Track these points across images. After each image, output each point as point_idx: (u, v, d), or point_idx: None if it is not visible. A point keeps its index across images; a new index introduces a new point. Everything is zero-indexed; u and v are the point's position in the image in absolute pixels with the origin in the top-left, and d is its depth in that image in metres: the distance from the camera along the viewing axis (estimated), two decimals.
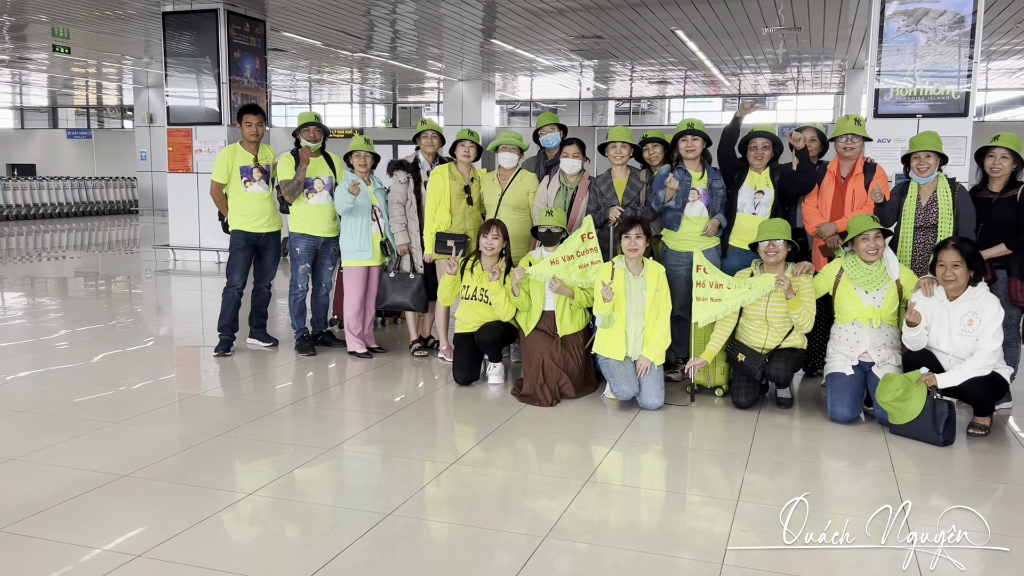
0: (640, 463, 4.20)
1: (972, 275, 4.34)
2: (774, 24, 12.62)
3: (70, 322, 7.55)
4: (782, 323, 4.83)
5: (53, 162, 27.27)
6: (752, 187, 5.21)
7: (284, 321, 7.12)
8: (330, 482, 3.88)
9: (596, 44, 14.66)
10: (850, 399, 4.61)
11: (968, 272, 4.32)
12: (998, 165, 4.87)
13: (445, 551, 3.14)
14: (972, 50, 7.47)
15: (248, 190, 6.06)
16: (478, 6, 11.63)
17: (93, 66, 18.85)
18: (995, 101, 23.00)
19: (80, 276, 11.25)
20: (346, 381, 5.59)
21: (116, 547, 3.06)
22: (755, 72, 18.60)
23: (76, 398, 5.03)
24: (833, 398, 4.66)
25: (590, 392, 5.19)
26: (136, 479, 3.71)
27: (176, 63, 11.80)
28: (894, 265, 4.68)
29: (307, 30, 13.64)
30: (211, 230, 11.30)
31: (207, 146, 11.64)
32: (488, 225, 5.36)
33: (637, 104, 26.27)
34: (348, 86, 23.18)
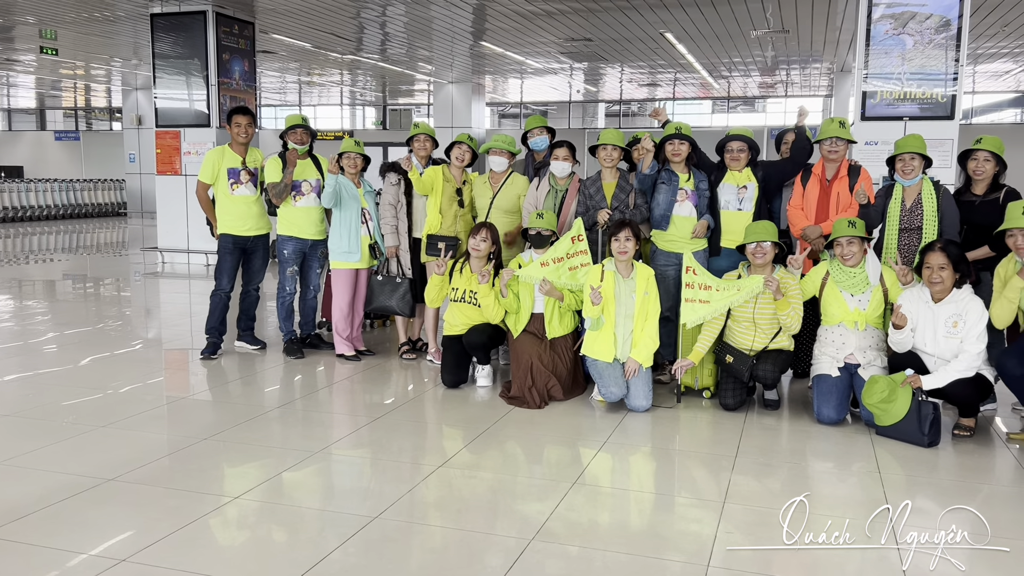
0: (628, 465, 4.21)
1: (958, 277, 4.37)
2: (762, 27, 12.67)
3: (58, 325, 7.51)
4: (769, 324, 4.85)
5: (41, 164, 27.13)
6: (735, 184, 5.24)
7: (273, 324, 7.10)
8: (318, 485, 3.88)
9: (585, 47, 14.69)
10: (836, 401, 4.64)
11: (954, 275, 4.35)
12: (981, 168, 4.90)
13: (433, 554, 3.14)
14: (958, 53, 7.52)
15: (235, 193, 6.05)
16: (467, 8, 11.64)
17: (81, 68, 18.78)
18: (982, 104, 23.17)
19: (68, 279, 11.20)
20: (334, 384, 5.58)
21: (102, 552, 3.04)
22: (744, 75, 18.67)
23: (63, 402, 5.00)
24: (819, 400, 4.68)
25: (578, 394, 5.19)
26: (122, 483, 3.69)
27: (164, 65, 11.77)
28: (874, 269, 4.71)
29: (296, 32, 13.62)
30: (199, 233, 11.27)
31: (196, 148, 11.59)
32: (478, 227, 5.37)
33: (627, 106, 26.34)
34: (338, 88, 23.16)
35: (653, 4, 11.17)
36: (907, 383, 4.30)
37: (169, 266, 11.95)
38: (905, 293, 4.55)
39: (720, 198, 5.27)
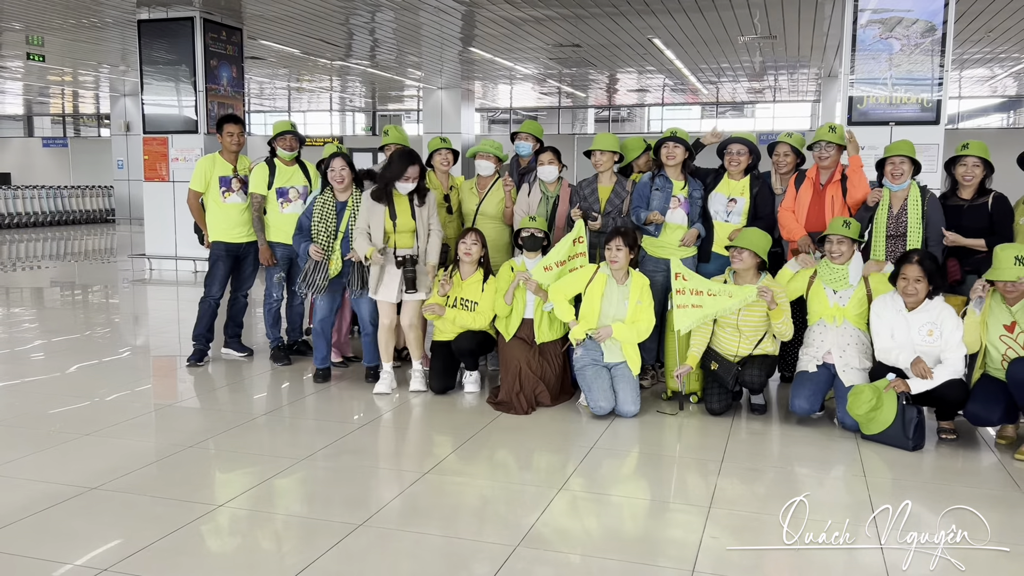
0: (615, 470, 4.21)
1: (931, 289, 4.40)
2: (750, 33, 12.73)
3: (45, 332, 7.47)
4: (754, 331, 4.87)
5: (28, 171, 26.97)
6: (725, 195, 5.27)
7: (260, 331, 7.08)
8: (304, 492, 3.86)
9: (574, 52, 14.72)
10: (809, 392, 4.67)
11: (928, 287, 4.39)
12: (970, 173, 4.94)
13: (419, 561, 3.13)
14: (943, 58, 7.57)
15: (227, 201, 6.03)
16: (456, 15, 11.65)
17: (69, 74, 18.71)
18: (968, 109, 23.32)
19: (56, 286, 11.14)
20: (321, 391, 5.56)
21: (87, 562, 3.02)
22: (733, 80, 18.75)
23: (49, 410, 4.98)
24: (793, 392, 4.75)
25: (566, 400, 5.19)
26: (107, 491, 3.67)
27: (152, 71, 11.74)
28: (855, 271, 4.74)
29: (285, 38, 13.60)
30: (187, 240, 11.21)
31: (183, 155, 11.57)
32: (465, 232, 5.37)
33: (617, 112, 26.40)
34: (328, 94, 23.13)
35: (641, 10, 11.21)
36: (891, 388, 4.32)
37: (157, 273, 11.90)
38: (878, 300, 4.60)
39: (710, 206, 5.30)
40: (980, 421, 4.39)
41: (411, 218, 5.22)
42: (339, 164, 5.49)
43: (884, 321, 4.52)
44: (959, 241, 4.83)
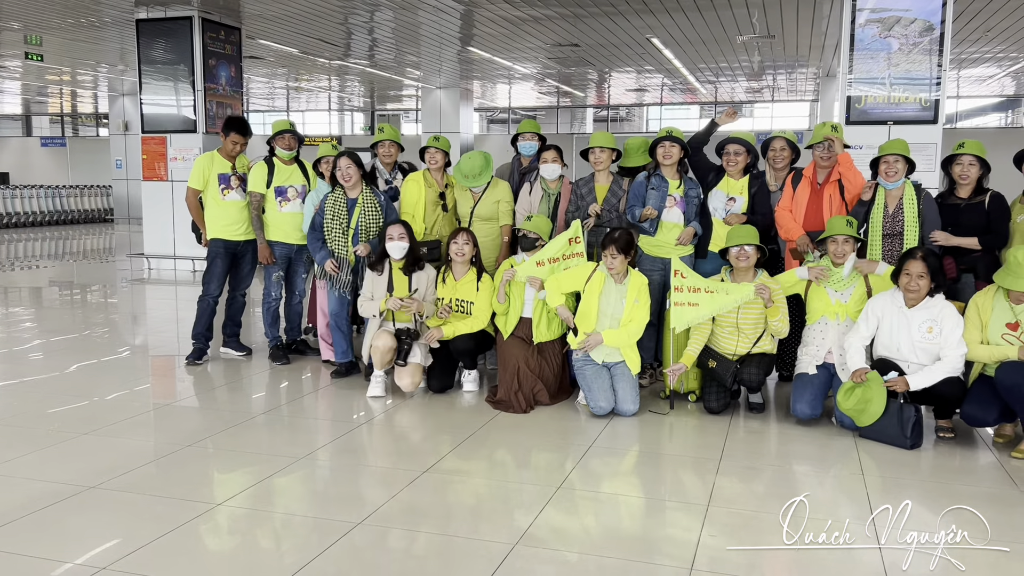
0: (613, 469, 4.21)
1: (932, 287, 4.41)
2: (748, 32, 12.73)
3: (44, 332, 7.47)
4: (752, 330, 4.88)
5: (27, 170, 26.94)
6: (725, 192, 5.28)
7: (259, 330, 7.08)
8: (303, 491, 3.87)
9: (573, 52, 14.72)
10: (810, 396, 4.67)
11: (930, 283, 4.40)
12: (966, 172, 4.95)
13: (417, 560, 3.14)
14: (941, 58, 7.58)
15: (226, 198, 6.04)
16: (455, 14, 11.65)
17: (67, 74, 18.69)
18: (966, 108, 23.34)
19: (54, 285, 11.14)
20: (320, 390, 5.57)
21: (86, 560, 3.03)
22: (731, 80, 18.75)
23: (48, 409, 4.98)
24: (794, 395, 4.73)
25: (564, 399, 5.20)
26: (106, 490, 3.68)
27: (151, 71, 11.73)
28: (848, 264, 4.74)
29: (283, 38, 13.60)
30: (186, 239, 11.21)
31: (182, 154, 11.56)
32: (456, 232, 5.36)
33: (615, 111, 26.39)
34: (326, 93, 23.12)
35: (639, 10, 11.21)
36: (889, 385, 4.33)
37: (155, 272, 11.90)
38: (877, 297, 4.60)
39: (710, 203, 5.31)
40: (976, 422, 4.39)
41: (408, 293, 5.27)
42: (345, 163, 5.54)
43: (873, 319, 4.53)
44: (950, 241, 4.84)
